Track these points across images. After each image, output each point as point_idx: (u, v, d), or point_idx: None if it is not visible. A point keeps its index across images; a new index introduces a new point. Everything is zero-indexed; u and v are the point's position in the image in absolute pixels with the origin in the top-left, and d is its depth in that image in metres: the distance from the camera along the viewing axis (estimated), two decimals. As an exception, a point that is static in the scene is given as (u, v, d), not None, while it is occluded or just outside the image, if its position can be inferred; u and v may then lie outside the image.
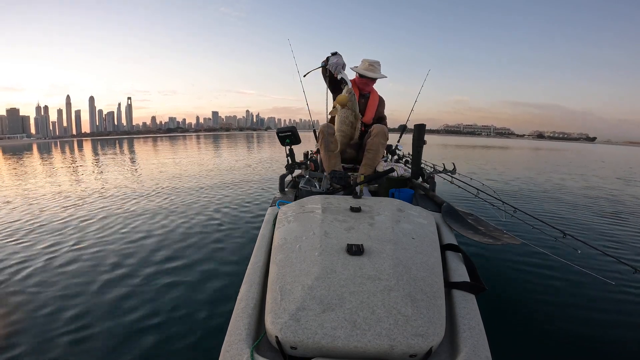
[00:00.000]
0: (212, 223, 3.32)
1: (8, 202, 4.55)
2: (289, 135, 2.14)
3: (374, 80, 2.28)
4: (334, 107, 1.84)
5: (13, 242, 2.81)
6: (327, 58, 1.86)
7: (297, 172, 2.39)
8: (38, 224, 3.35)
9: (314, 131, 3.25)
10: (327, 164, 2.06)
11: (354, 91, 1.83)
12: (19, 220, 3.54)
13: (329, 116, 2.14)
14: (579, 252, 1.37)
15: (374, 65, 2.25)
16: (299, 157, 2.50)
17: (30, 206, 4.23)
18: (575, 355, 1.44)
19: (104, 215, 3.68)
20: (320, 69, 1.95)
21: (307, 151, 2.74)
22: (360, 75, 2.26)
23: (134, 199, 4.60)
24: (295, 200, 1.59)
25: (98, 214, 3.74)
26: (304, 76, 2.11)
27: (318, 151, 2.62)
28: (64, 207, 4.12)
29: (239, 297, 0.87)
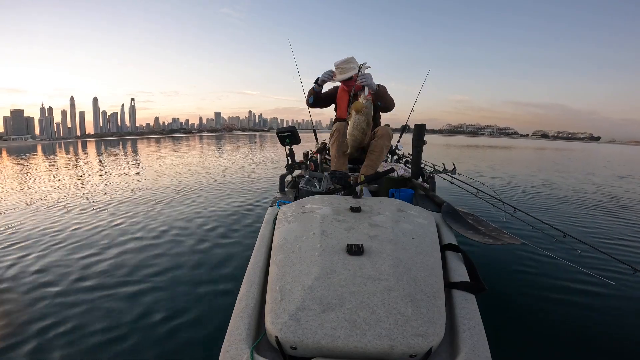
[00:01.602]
0: (211, 223, 3.31)
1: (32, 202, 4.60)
2: (289, 135, 2.14)
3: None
4: (349, 113, 1.96)
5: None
6: (359, 70, 1.99)
7: (297, 172, 2.39)
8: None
9: (314, 131, 3.25)
10: (335, 162, 2.06)
11: (368, 100, 1.89)
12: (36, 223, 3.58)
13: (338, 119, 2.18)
14: (579, 252, 1.36)
15: (343, 66, 2.16)
16: (299, 157, 2.50)
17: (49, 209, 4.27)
18: (575, 355, 1.43)
19: (102, 215, 3.69)
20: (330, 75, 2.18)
21: (307, 151, 2.75)
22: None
23: (134, 198, 4.61)
24: (295, 200, 1.59)
25: (96, 215, 3.76)
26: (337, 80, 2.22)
27: (318, 151, 2.62)
28: (61, 212, 4.16)
29: (239, 297, 0.87)
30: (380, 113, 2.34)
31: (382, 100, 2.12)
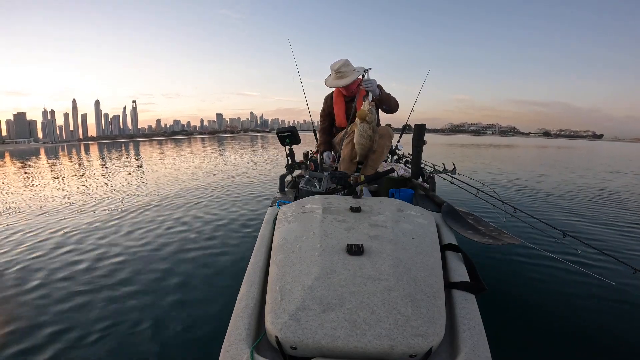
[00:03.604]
0: (211, 223, 3.32)
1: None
2: (288, 136, 2.15)
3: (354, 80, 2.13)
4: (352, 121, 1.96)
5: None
6: (364, 75, 1.94)
7: (297, 172, 2.40)
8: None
9: (314, 131, 3.26)
10: (344, 164, 2.06)
11: (372, 106, 1.87)
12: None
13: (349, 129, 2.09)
14: (579, 252, 1.36)
15: (341, 70, 2.06)
16: (299, 157, 2.51)
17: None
18: (575, 355, 1.43)
19: (104, 217, 3.70)
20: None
21: (307, 151, 2.75)
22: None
23: (135, 200, 4.63)
24: (295, 200, 1.60)
25: (101, 217, 3.77)
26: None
27: (318, 151, 2.63)
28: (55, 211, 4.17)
29: (239, 297, 0.87)
30: (380, 112, 2.34)
31: (386, 104, 2.09)
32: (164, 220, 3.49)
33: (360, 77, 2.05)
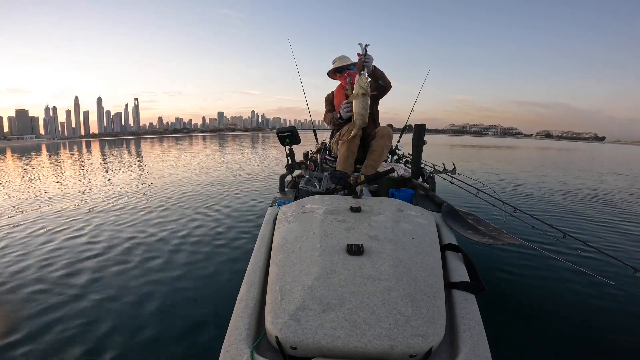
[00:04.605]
0: (212, 223, 3.32)
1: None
2: (288, 135, 2.15)
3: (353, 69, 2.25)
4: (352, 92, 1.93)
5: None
6: (365, 51, 1.92)
7: (297, 172, 2.40)
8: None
9: (314, 131, 3.25)
10: (343, 162, 2.05)
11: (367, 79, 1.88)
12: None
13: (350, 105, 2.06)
14: (579, 252, 1.36)
15: (344, 56, 2.33)
16: (299, 157, 2.50)
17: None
18: (575, 355, 1.43)
19: (105, 214, 3.70)
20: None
21: (307, 151, 2.75)
22: (339, 71, 2.27)
23: (136, 198, 4.62)
24: (295, 200, 1.60)
25: (99, 214, 3.77)
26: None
27: (318, 151, 2.62)
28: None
29: (239, 297, 0.87)
30: (379, 110, 2.33)
31: (382, 79, 2.11)
32: (162, 220, 3.49)
33: (361, 52, 2.05)
